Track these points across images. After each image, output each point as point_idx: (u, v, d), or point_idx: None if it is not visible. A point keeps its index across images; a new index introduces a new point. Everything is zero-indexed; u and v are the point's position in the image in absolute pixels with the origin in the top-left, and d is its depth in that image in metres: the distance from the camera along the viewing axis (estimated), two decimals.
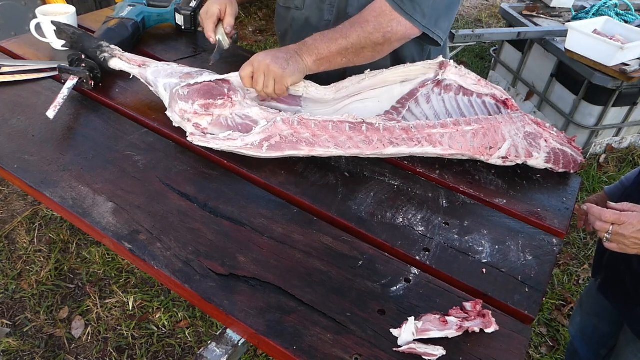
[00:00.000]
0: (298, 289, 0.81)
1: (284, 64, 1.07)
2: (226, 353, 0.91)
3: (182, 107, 1.05)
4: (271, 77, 1.07)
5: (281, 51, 1.10)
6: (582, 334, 1.47)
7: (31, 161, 1.00)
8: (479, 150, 1.08)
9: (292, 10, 1.38)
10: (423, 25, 1.15)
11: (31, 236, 2.18)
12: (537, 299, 0.84)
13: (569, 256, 2.39)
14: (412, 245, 0.91)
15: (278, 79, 1.07)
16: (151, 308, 1.95)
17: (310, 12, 1.34)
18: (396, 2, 1.12)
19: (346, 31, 1.13)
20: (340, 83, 1.20)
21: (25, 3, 2.50)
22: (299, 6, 1.35)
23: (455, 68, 1.22)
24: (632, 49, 2.54)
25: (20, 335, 1.83)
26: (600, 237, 0.98)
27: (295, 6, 1.37)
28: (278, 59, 1.07)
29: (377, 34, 1.14)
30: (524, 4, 3.37)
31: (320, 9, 1.32)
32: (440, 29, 1.20)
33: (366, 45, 1.15)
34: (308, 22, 1.36)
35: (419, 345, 0.73)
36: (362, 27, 1.13)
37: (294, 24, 1.40)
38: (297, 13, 1.37)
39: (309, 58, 1.11)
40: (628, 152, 3.05)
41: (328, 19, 1.32)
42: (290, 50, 1.11)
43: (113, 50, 1.19)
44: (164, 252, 0.84)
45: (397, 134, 1.05)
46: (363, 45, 1.14)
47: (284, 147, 1.03)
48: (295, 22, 1.39)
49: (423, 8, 1.14)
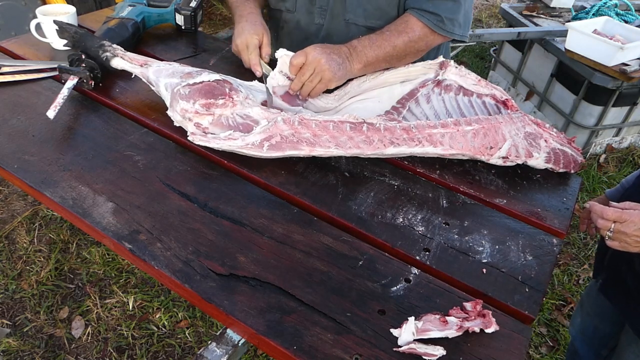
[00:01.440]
0: (298, 289, 0.81)
1: (336, 68, 1.10)
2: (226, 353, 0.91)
3: (183, 107, 1.05)
4: (319, 76, 1.09)
5: (335, 52, 1.12)
6: (583, 335, 1.47)
7: (31, 161, 1.00)
8: (480, 150, 1.08)
9: (283, 13, 1.38)
10: (460, 34, 1.24)
11: (31, 236, 2.18)
12: (537, 299, 0.84)
13: (569, 256, 2.39)
14: (412, 245, 0.91)
15: (324, 81, 1.09)
16: (151, 308, 1.95)
17: (301, 15, 1.34)
18: (437, 25, 1.19)
19: (394, 39, 1.17)
20: (342, 89, 1.20)
21: (25, 3, 2.50)
22: (291, 9, 1.35)
23: (456, 68, 1.23)
24: (632, 49, 2.54)
25: (20, 335, 1.83)
26: (602, 235, 0.98)
27: (286, 8, 1.36)
28: (332, 61, 1.10)
29: (421, 42, 1.20)
30: (524, 4, 3.37)
31: (310, 12, 1.32)
32: (469, 29, 1.28)
33: (409, 53, 1.21)
34: (299, 25, 1.36)
35: (419, 345, 0.73)
36: (408, 35, 1.18)
37: (286, 27, 1.40)
38: (288, 15, 1.37)
39: (357, 65, 1.14)
40: (628, 152, 3.05)
41: (319, 22, 1.32)
42: (343, 53, 1.13)
43: (115, 50, 1.19)
44: (164, 252, 0.84)
45: (397, 133, 1.05)
46: (407, 52, 1.20)
47: (284, 147, 1.03)
48: (287, 24, 1.39)
49: (460, 20, 1.22)
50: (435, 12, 1.18)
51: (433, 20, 1.18)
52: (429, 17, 1.18)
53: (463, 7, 1.21)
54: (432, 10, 1.18)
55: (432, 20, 1.18)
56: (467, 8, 1.23)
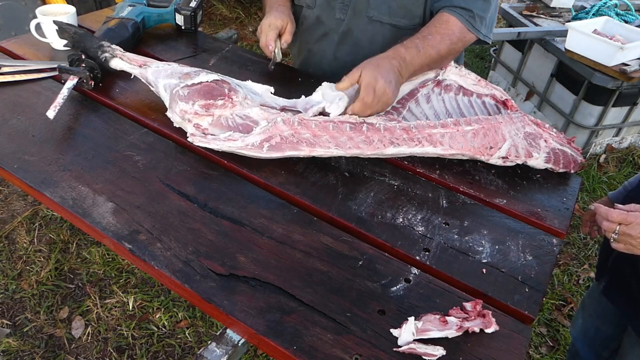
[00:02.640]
0: (298, 289, 0.81)
1: (395, 91, 1.07)
2: (226, 353, 0.91)
3: (182, 108, 1.05)
4: (382, 104, 1.06)
5: (391, 72, 1.06)
6: (584, 336, 1.47)
7: (31, 161, 1.00)
8: (479, 150, 1.08)
9: (303, 9, 1.39)
10: (484, 34, 1.23)
11: (31, 236, 2.18)
12: (537, 299, 0.84)
13: (569, 256, 2.39)
14: (412, 245, 0.91)
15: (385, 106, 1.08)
16: (151, 308, 1.95)
17: (321, 11, 1.35)
18: (469, 22, 1.18)
19: (437, 44, 1.16)
20: None
21: (25, 3, 2.50)
22: (310, 5, 1.36)
23: (456, 68, 1.23)
24: (632, 49, 2.54)
25: (20, 335, 1.82)
26: (607, 237, 0.97)
27: (306, 4, 1.38)
28: (391, 84, 1.05)
29: (459, 43, 1.20)
30: (524, 4, 3.37)
31: (331, 7, 1.32)
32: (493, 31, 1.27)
33: (449, 55, 1.20)
34: (319, 20, 1.37)
35: (419, 345, 0.73)
36: (449, 38, 1.18)
37: (305, 22, 1.41)
38: (308, 11, 1.38)
39: (406, 76, 1.14)
40: (628, 152, 3.05)
41: (340, 18, 1.32)
42: (395, 68, 1.08)
43: (114, 50, 1.19)
44: (164, 252, 0.84)
45: (397, 134, 1.05)
46: (448, 54, 1.19)
47: (284, 147, 1.03)
48: (307, 19, 1.40)
49: (487, 20, 1.22)
50: (468, 7, 1.17)
51: (466, 17, 1.17)
52: (462, 13, 1.17)
53: (492, 6, 1.21)
54: (465, 6, 1.17)
55: (465, 16, 1.18)
56: (494, 10, 1.23)
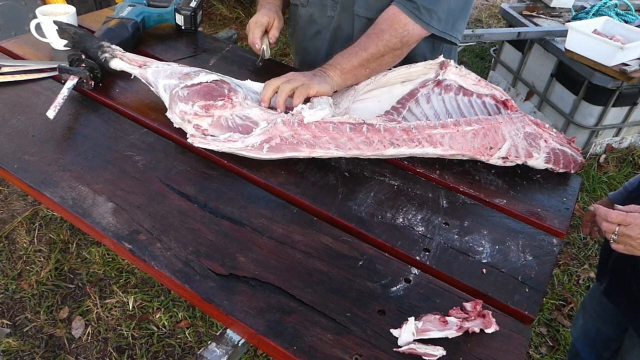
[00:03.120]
0: (298, 289, 0.81)
1: (310, 76, 1.11)
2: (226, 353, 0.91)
3: (182, 109, 1.05)
4: (297, 81, 1.09)
5: (307, 72, 1.14)
6: (585, 337, 1.47)
7: (31, 161, 1.00)
8: (480, 150, 1.08)
9: (299, 7, 1.42)
10: (439, 30, 1.20)
11: (31, 236, 2.18)
12: (537, 299, 0.84)
13: (569, 256, 2.39)
14: (412, 246, 0.91)
15: (305, 85, 1.08)
16: (151, 308, 1.95)
17: (314, 8, 1.37)
18: (412, 12, 1.16)
19: (364, 44, 1.17)
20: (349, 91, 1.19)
21: (25, 3, 2.50)
22: (304, 3, 1.39)
23: (456, 68, 1.23)
24: (632, 49, 2.54)
25: (20, 335, 1.83)
26: (607, 238, 0.97)
27: (300, 3, 1.40)
28: (306, 74, 1.12)
29: (394, 40, 1.17)
30: (524, 4, 3.37)
31: (323, 4, 1.35)
32: (457, 30, 1.24)
33: (385, 53, 1.18)
34: (312, 18, 1.39)
35: (419, 345, 0.73)
36: (378, 37, 1.17)
37: (300, 20, 1.44)
38: (302, 10, 1.41)
39: (333, 73, 1.15)
40: (628, 152, 3.05)
41: (331, 15, 1.35)
42: (316, 70, 1.15)
43: (114, 51, 1.19)
44: (164, 252, 0.84)
45: (397, 134, 1.05)
46: (382, 53, 1.18)
47: (284, 148, 1.03)
48: (301, 18, 1.43)
49: (439, 14, 1.18)
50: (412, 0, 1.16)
51: (409, 7, 1.15)
52: (405, 3, 1.16)
53: (446, 2, 1.17)
54: None
55: (409, 7, 1.16)
56: (454, 5, 1.19)
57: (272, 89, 1.10)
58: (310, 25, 1.41)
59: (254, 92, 1.16)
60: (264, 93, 1.10)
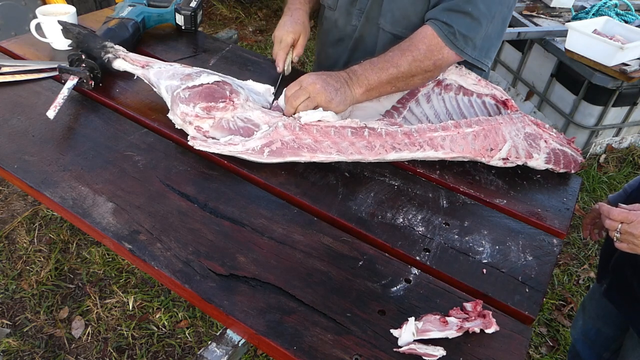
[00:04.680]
0: (298, 289, 0.81)
1: (332, 94, 1.06)
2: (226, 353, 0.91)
3: (183, 110, 1.04)
4: (315, 101, 1.05)
5: (332, 77, 1.08)
6: (585, 337, 1.47)
7: (31, 161, 1.00)
8: (480, 152, 1.08)
9: (326, 9, 1.39)
10: (473, 57, 1.15)
11: (31, 236, 2.18)
12: (537, 299, 0.84)
13: (569, 256, 2.39)
14: (412, 246, 0.91)
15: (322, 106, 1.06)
16: (151, 308, 1.95)
17: (340, 14, 1.33)
18: (448, 37, 1.11)
19: (397, 60, 1.11)
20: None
21: (25, 3, 2.50)
22: (332, 6, 1.35)
23: (456, 68, 1.23)
24: (632, 49, 2.54)
25: (20, 335, 1.82)
26: (610, 236, 0.98)
27: (328, 5, 1.37)
28: (328, 86, 1.06)
29: (427, 61, 1.12)
30: (524, 4, 3.37)
31: (349, 12, 1.30)
32: (490, 58, 1.19)
33: (417, 73, 1.13)
34: (336, 24, 1.35)
35: (419, 345, 0.73)
36: (413, 56, 1.11)
37: (325, 23, 1.41)
38: (329, 12, 1.37)
39: (358, 89, 1.10)
40: (628, 152, 3.05)
41: (355, 24, 1.30)
42: (341, 78, 1.09)
43: (117, 51, 1.18)
44: (164, 252, 0.84)
45: (399, 138, 1.05)
46: (414, 73, 1.12)
47: (285, 153, 1.02)
48: (327, 20, 1.40)
49: (475, 42, 1.13)
50: (449, 23, 1.10)
51: (444, 31, 1.10)
52: (441, 26, 1.10)
53: (483, 29, 1.12)
54: (446, 21, 1.10)
55: (444, 30, 1.10)
56: (490, 33, 1.14)
57: (292, 111, 1.07)
58: (333, 30, 1.37)
59: (256, 93, 1.16)
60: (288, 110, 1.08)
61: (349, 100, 1.09)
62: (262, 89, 1.17)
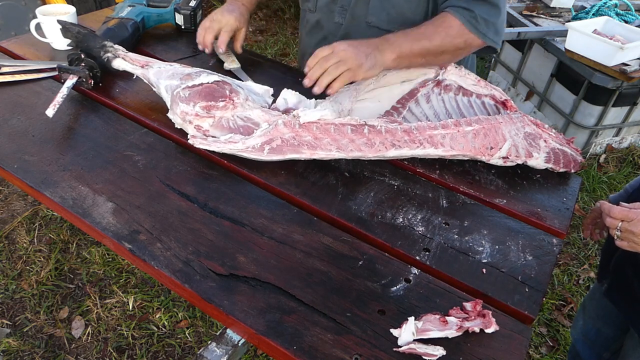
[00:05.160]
0: (298, 289, 0.81)
1: (362, 59, 1.06)
2: (226, 353, 0.91)
3: (183, 109, 1.05)
4: (346, 64, 1.05)
5: (363, 44, 1.09)
6: (585, 338, 1.46)
7: (31, 161, 1.00)
8: (480, 150, 1.08)
9: (307, 13, 1.40)
10: (493, 41, 1.18)
11: (31, 236, 2.18)
12: (537, 299, 0.84)
13: (569, 256, 2.39)
14: (412, 245, 0.91)
15: (351, 70, 1.05)
16: (151, 308, 1.95)
17: (321, 14, 1.34)
18: (471, 23, 1.13)
19: (430, 34, 1.13)
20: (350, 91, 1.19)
21: (25, 3, 2.50)
22: (312, 8, 1.36)
23: (455, 68, 1.23)
24: (632, 49, 2.54)
25: (20, 335, 1.83)
26: (611, 234, 0.98)
27: (308, 8, 1.38)
28: (359, 52, 1.06)
29: (459, 39, 1.14)
30: (524, 4, 3.37)
31: (331, 10, 1.32)
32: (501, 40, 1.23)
33: (447, 50, 1.16)
34: (319, 24, 1.37)
35: (419, 345, 0.73)
36: (446, 31, 1.13)
37: (307, 26, 1.42)
38: (310, 15, 1.39)
39: (390, 55, 1.10)
40: (628, 152, 3.05)
41: (339, 22, 1.31)
42: (372, 44, 1.10)
43: (117, 51, 1.19)
44: (164, 252, 0.84)
45: (399, 136, 1.05)
46: (445, 49, 1.15)
47: (285, 150, 1.02)
48: (309, 23, 1.40)
49: (497, 26, 1.17)
50: (469, 8, 1.13)
51: (467, 17, 1.13)
52: (463, 13, 1.13)
53: (502, 14, 1.17)
54: (467, 7, 1.13)
55: (467, 16, 1.13)
56: (504, 18, 1.19)
57: (320, 71, 1.06)
58: (316, 31, 1.38)
59: (255, 93, 1.16)
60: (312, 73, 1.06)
61: (379, 66, 1.10)
62: (261, 90, 1.17)
